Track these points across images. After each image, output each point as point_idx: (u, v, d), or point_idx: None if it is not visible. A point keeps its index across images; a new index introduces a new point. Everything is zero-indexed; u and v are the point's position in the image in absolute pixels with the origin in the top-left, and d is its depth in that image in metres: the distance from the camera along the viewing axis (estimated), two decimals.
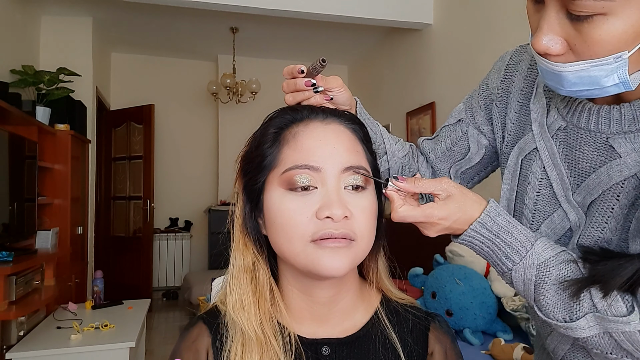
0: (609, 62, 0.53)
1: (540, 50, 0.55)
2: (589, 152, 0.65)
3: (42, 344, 2.31)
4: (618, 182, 0.62)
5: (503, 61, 0.81)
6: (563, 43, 0.54)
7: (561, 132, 0.69)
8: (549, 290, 0.60)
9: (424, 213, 0.61)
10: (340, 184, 0.60)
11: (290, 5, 3.43)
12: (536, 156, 0.71)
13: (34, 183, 2.96)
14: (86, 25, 4.15)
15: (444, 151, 0.88)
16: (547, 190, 0.70)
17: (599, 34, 0.51)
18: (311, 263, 0.58)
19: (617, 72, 0.54)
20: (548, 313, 0.61)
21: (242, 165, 0.67)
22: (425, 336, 0.66)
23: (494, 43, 2.93)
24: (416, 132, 3.96)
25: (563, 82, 0.57)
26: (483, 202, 0.63)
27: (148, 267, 4.79)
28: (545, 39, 0.54)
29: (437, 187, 0.62)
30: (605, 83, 0.55)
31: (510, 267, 0.62)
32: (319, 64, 0.68)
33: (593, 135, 0.65)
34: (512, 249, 0.61)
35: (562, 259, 0.61)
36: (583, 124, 0.66)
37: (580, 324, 0.58)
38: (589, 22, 0.51)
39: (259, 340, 0.59)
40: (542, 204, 0.70)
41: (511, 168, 0.76)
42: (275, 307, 0.64)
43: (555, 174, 0.69)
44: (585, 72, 0.55)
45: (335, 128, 0.63)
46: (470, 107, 0.85)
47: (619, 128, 0.62)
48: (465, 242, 0.64)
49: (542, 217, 0.70)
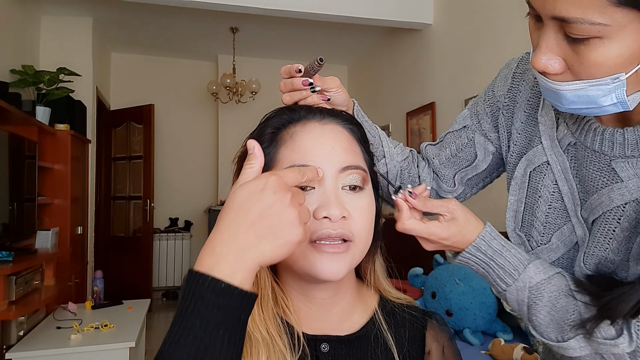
0: (606, 82, 0.53)
1: (539, 68, 0.56)
2: (594, 171, 0.66)
3: (42, 344, 2.31)
4: (619, 205, 0.62)
5: (509, 69, 0.81)
6: (561, 63, 0.55)
7: (571, 147, 0.69)
8: (540, 311, 0.63)
9: (428, 230, 0.64)
10: (337, 184, 0.60)
11: (290, 5, 3.43)
12: (547, 169, 0.72)
13: (33, 183, 2.96)
14: (86, 25, 4.15)
15: (448, 157, 0.87)
16: (558, 204, 0.71)
17: (595, 56, 0.51)
18: (309, 266, 0.58)
19: (614, 92, 0.54)
20: (542, 332, 0.65)
21: (239, 166, 0.67)
22: (422, 335, 0.67)
23: (494, 43, 2.93)
24: (416, 132, 3.95)
25: (562, 99, 0.58)
26: (481, 225, 0.67)
27: (148, 267, 4.80)
28: (544, 58, 0.55)
29: (443, 208, 0.65)
30: (603, 102, 0.55)
31: (505, 288, 0.65)
32: (317, 63, 0.67)
33: (597, 155, 0.65)
34: (505, 271, 0.65)
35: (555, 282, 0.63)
36: (589, 143, 0.66)
37: (571, 344, 0.61)
38: (586, 44, 0.51)
39: (265, 340, 0.59)
40: (553, 217, 0.71)
41: (518, 180, 0.76)
42: (279, 307, 0.64)
43: (567, 188, 0.69)
44: (584, 92, 0.55)
45: (332, 128, 0.63)
46: (476, 113, 0.84)
47: (622, 152, 0.63)
48: (462, 262, 0.68)
49: (552, 230, 0.71)
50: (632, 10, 0.48)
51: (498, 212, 0.69)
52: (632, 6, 0.47)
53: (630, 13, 0.48)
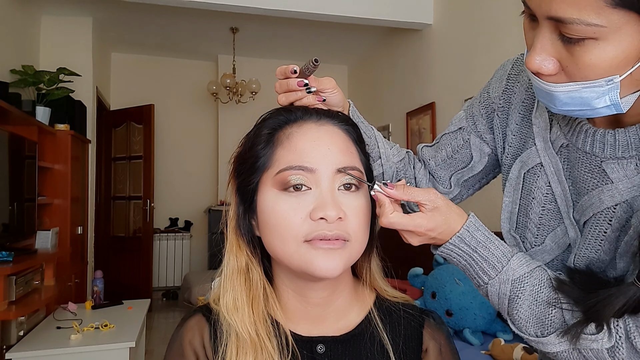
0: (600, 84, 0.53)
1: (533, 69, 0.56)
2: (585, 173, 0.66)
3: (42, 344, 2.31)
4: (609, 206, 0.62)
5: (504, 70, 0.80)
6: (555, 63, 0.55)
7: (564, 149, 0.69)
8: (522, 305, 0.62)
9: (413, 222, 0.61)
10: (334, 184, 0.60)
11: (290, 5, 3.43)
12: (541, 171, 0.71)
13: (33, 183, 2.96)
14: (86, 25, 4.15)
15: (444, 159, 0.87)
16: (552, 206, 0.70)
17: (590, 57, 0.51)
18: (305, 264, 0.58)
19: (608, 94, 0.54)
20: (521, 327, 0.64)
21: (236, 166, 0.67)
22: (419, 333, 0.67)
23: (494, 43, 2.93)
24: (416, 132, 3.95)
25: (555, 101, 0.58)
26: (465, 216, 0.64)
27: (148, 267, 4.80)
28: (538, 58, 0.55)
29: (425, 197, 0.62)
30: (596, 104, 0.55)
31: (486, 281, 0.64)
32: (312, 64, 0.67)
33: (588, 157, 0.65)
34: (488, 263, 0.63)
35: (537, 276, 0.63)
36: (580, 144, 0.66)
37: (550, 339, 0.60)
38: (581, 45, 0.51)
39: (253, 341, 0.59)
40: (547, 219, 0.71)
41: (513, 181, 0.75)
42: (270, 308, 0.64)
43: (560, 190, 0.69)
44: (577, 93, 0.55)
45: (329, 129, 0.63)
46: (472, 115, 0.84)
47: (613, 153, 0.62)
48: (444, 254, 0.65)
49: (546, 231, 0.71)
50: (628, 12, 0.47)
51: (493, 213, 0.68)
52: (629, 8, 0.47)
53: (627, 15, 0.48)
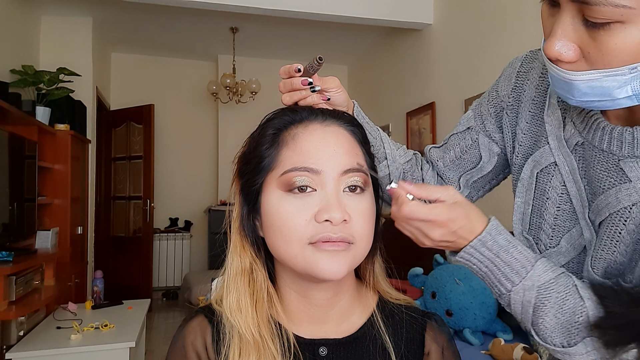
0: (623, 72, 0.50)
1: (552, 56, 0.53)
2: (601, 171, 0.63)
3: (42, 344, 2.31)
4: (626, 206, 0.60)
5: (513, 68, 0.78)
6: (576, 50, 0.52)
7: (579, 147, 0.66)
8: (547, 313, 0.59)
9: (433, 211, 0.57)
10: (339, 186, 0.59)
11: (290, 5, 3.43)
12: (555, 170, 0.69)
13: (34, 183, 2.96)
14: (86, 25, 4.15)
15: (452, 159, 0.85)
16: (567, 206, 0.68)
17: (615, 42, 0.49)
18: (309, 266, 0.58)
19: (630, 83, 0.51)
20: (546, 337, 0.60)
21: (240, 167, 0.66)
22: (421, 336, 0.66)
23: (494, 43, 2.93)
24: (416, 132, 3.95)
25: (573, 91, 0.55)
26: (485, 218, 0.61)
27: (148, 267, 4.79)
28: (558, 44, 0.52)
29: (444, 193, 0.59)
30: (617, 95, 0.53)
31: (510, 289, 0.60)
32: (316, 62, 0.67)
33: (605, 155, 0.62)
34: (512, 269, 0.59)
35: (562, 282, 0.59)
36: (597, 142, 0.63)
37: (578, 350, 0.57)
38: (606, 29, 0.49)
39: (256, 343, 0.59)
40: (562, 219, 0.68)
41: (525, 181, 0.73)
42: (273, 309, 0.64)
43: (575, 189, 0.67)
44: (598, 82, 0.52)
45: (334, 130, 0.63)
46: (480, 114, 0.82)
47: (631, 152, 0.60)
48: (463, 261, 0.61)
49: (561, 232, 0.68)
50: None
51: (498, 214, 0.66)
52: None
53: None
